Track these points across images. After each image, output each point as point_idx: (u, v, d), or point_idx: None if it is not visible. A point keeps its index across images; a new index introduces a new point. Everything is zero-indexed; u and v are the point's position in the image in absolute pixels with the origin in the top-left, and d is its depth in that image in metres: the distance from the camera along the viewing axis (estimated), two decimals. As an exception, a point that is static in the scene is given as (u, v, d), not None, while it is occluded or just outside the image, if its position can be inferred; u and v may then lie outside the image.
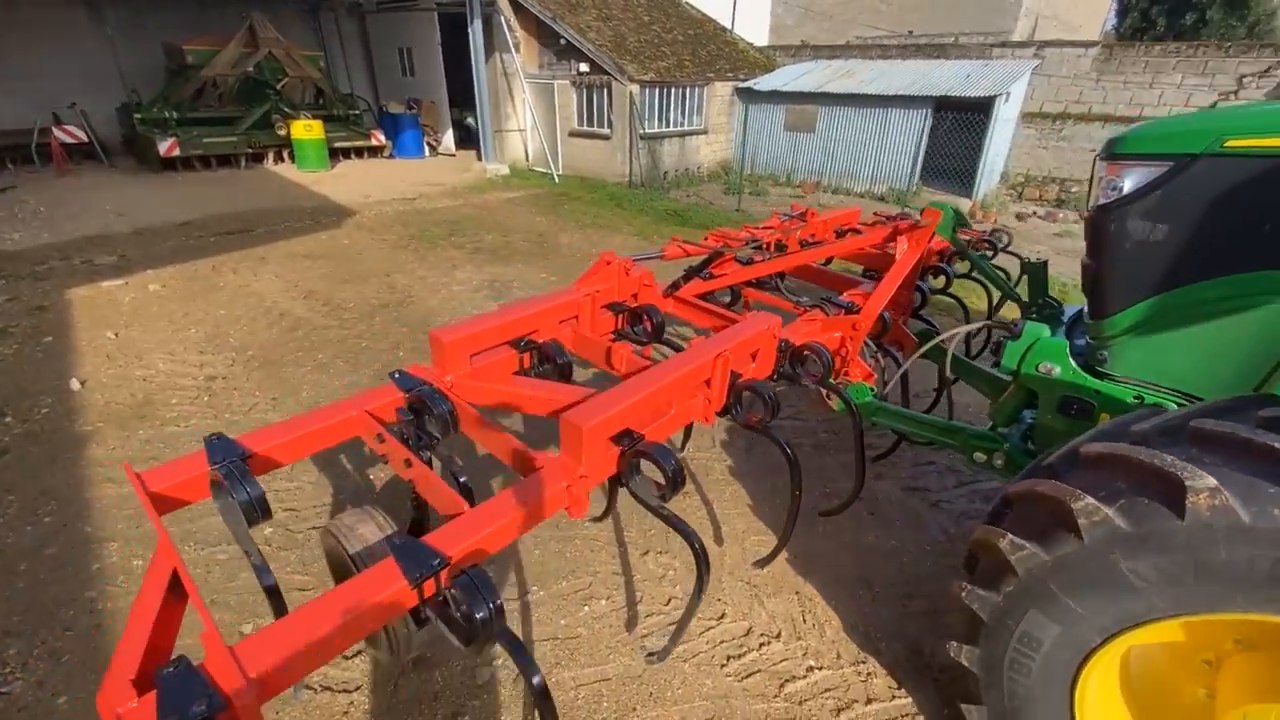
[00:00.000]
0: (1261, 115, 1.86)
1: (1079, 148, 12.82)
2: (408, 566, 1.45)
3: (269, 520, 1.75)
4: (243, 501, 1.64)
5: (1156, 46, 11.91)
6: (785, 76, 14.48)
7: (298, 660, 1.27)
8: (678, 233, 8.83)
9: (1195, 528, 1.35)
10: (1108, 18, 27.67)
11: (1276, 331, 1.88)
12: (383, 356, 4.71)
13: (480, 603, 1.37)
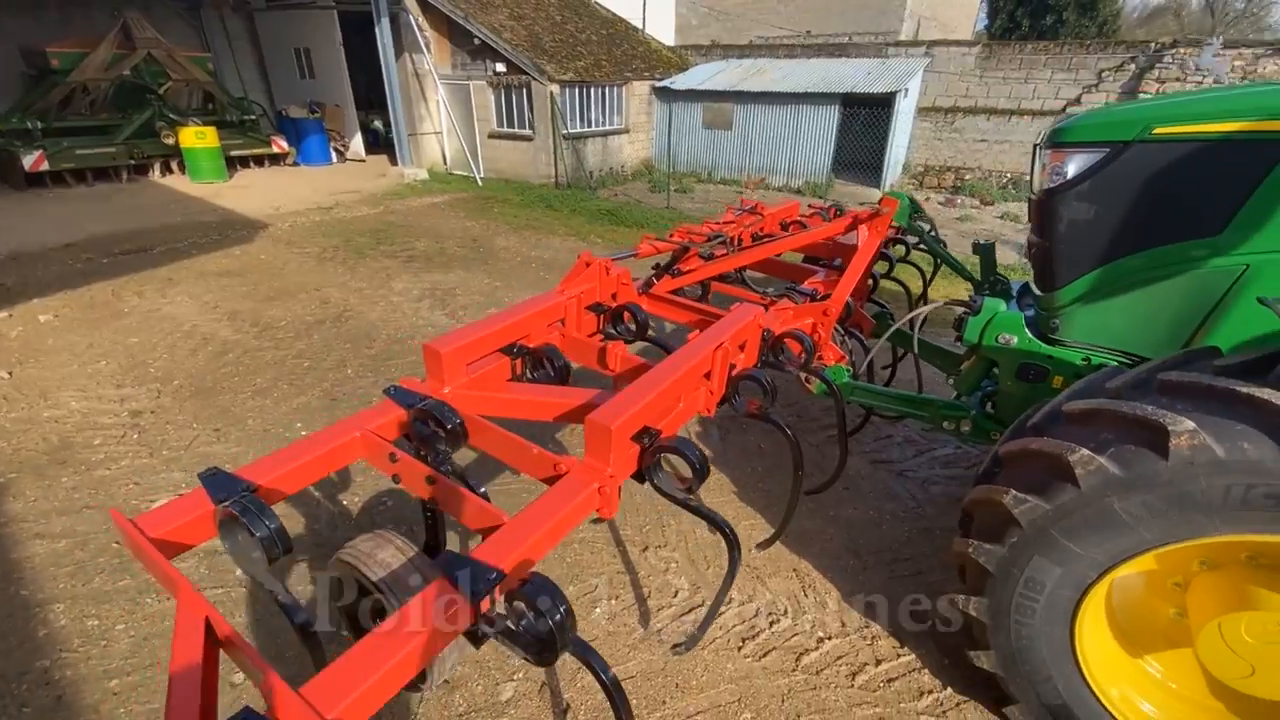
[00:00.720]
0: (1183, 105, 2.14)
1: (969, 138, 13.97)
2: (463, 585, 1.41)
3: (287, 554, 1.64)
4: (263, 537, 1.52)
5: (1029, 46, 13.18)
6: (700, 75, 14.83)
7: (368, 697, 1.22)
8: (614, 231, 8.90)
9: (1178, 466, 1.54)
10: (978, 18, 30.21)
11: (1200, 294, 2.17)
12: (329, 376, 4.45)
13: (553, 612, 1.35)
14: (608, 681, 1.40)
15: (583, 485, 1.79)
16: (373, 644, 1.28)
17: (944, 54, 13.85)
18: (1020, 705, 2.05)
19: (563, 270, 7.04)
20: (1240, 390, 1.52)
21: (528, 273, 6.97)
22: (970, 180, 13.85)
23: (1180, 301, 2.22)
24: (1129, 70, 12.05)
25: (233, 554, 1.61)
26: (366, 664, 1.25)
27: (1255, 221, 2.01)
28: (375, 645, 1.28)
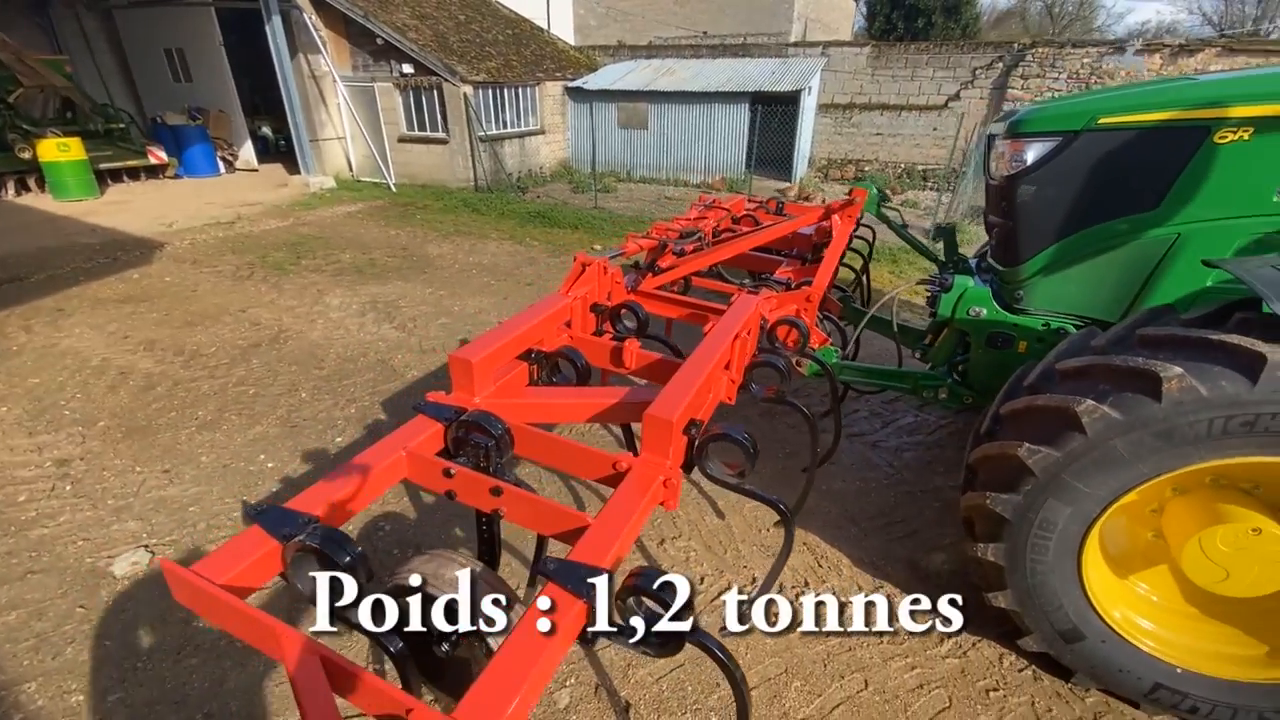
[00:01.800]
0: (1122, 98, 2.46)
1: (866, 133, 15.00)
2: (577, 588, 1.41)
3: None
4: (351, 566, 1.44)
5: (912, 46, 14.35)
6: (612, 75, 14.92)
7: (519, 712, 1.20)
8: (549, 233, 8.82)
9: (1170, 406, 1.80)
10: (855, 20, 32.41)
11: (1141, 261, 2.52)
12: (281, 403, 4.13)
13: (676, 602, 1.38)
14: (728, 663, 1.44)
15: (649, 480, 1.81)
16: (507, 660, 1.26)
17: (839, 54, 14.79)
18: (1033, 635, 2.29)
19: (506, 276, 6.91)
20: (1213, 338, 1.80)
21: (470, 280, 6.77)
22: (870, 171, 14.88)
23: (1125, 268, 2.56)
24: (998, 68, 13.42)
25: (306, 590, 1.51)
26: (508, 681, 1.22)
27: (1184, 197, 2.36)
28: (510, 661, 1.26)
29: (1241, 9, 30.31)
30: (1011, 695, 2.30)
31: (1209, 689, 2.09)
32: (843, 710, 2.23)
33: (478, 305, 6.01)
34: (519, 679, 1.22)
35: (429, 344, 5.09)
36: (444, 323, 5.54)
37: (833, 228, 3.33)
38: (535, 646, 1.28)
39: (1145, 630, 2.19)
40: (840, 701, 2.26)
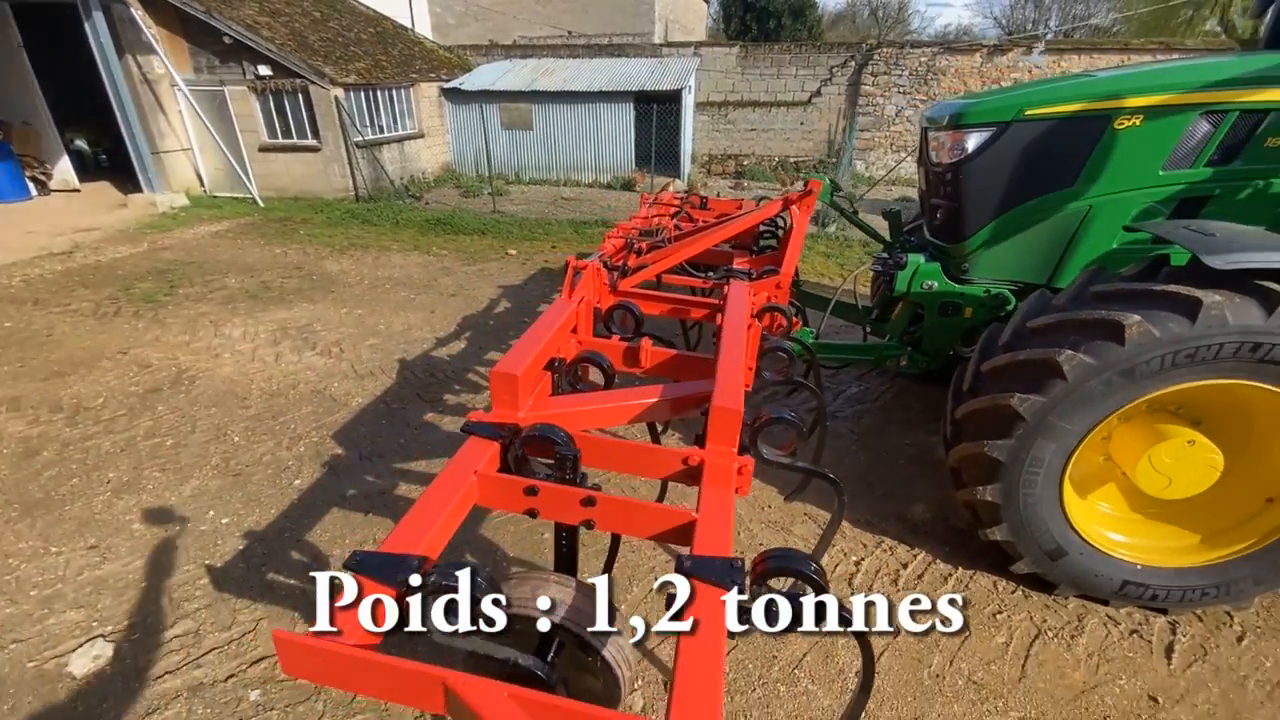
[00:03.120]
0: (1044, 92, 2.87)
1: (741, 129, 15.87)
2: (722, 581, 1.45)
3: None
4: (496, 599, 1.36)
5: (776, 47, 15.38)
6: (489, 76, 14.51)
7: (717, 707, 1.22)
8: (456, 241, 8.49)
9: (1131, 348, 2.16)
10: (708, 23, 33.97)
11: (1062, 231, 2.96)
12: (212, 450, 3.65)
13: (819, 576, 1.46)
14: (867, 633, 1.53)
15: (727, 470, 1.87)
16: (691, 663, 1.27)
17: (710, 54, 15.48)
18: (1024, 560, 2.64)
19: (424, 289, 6.56)
20: (1157, 289, 2.19)
21: (387, 296, 6.33)
22: (748, 165, 15.77)
23: (1050, 237, 3.01)
24: (851, 66, 14.78)
25: (437, 632, 1.40)
26: (702, 682, 1.24)
27: (1093, 175, 2.82)
28: (693, 663, 1.27)
29: (1024, 14, 35.59)
30: (1013, 614, 2.64)
31: (1162, 578, 2.54)
32: (886, 655, 2.44)
33: (405, 322, 5.65)
34: (710, 680, 1.24)
35: (364, 368, 4.72)
36: (373, 344, 5.16)
37: (792, 217, 3.56)
38: (708, 645, 1.30)
39: (1110, 539, 2.61)
40: (882, 649, 2.47)
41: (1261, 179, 2.68)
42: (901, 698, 2.28)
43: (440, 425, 3.97)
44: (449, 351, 5.05)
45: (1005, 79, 14.09)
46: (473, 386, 4.48)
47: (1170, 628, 2.58)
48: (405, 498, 3.27)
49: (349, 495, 3.27)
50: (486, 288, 6.69)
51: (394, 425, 3.95)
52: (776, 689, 2.28)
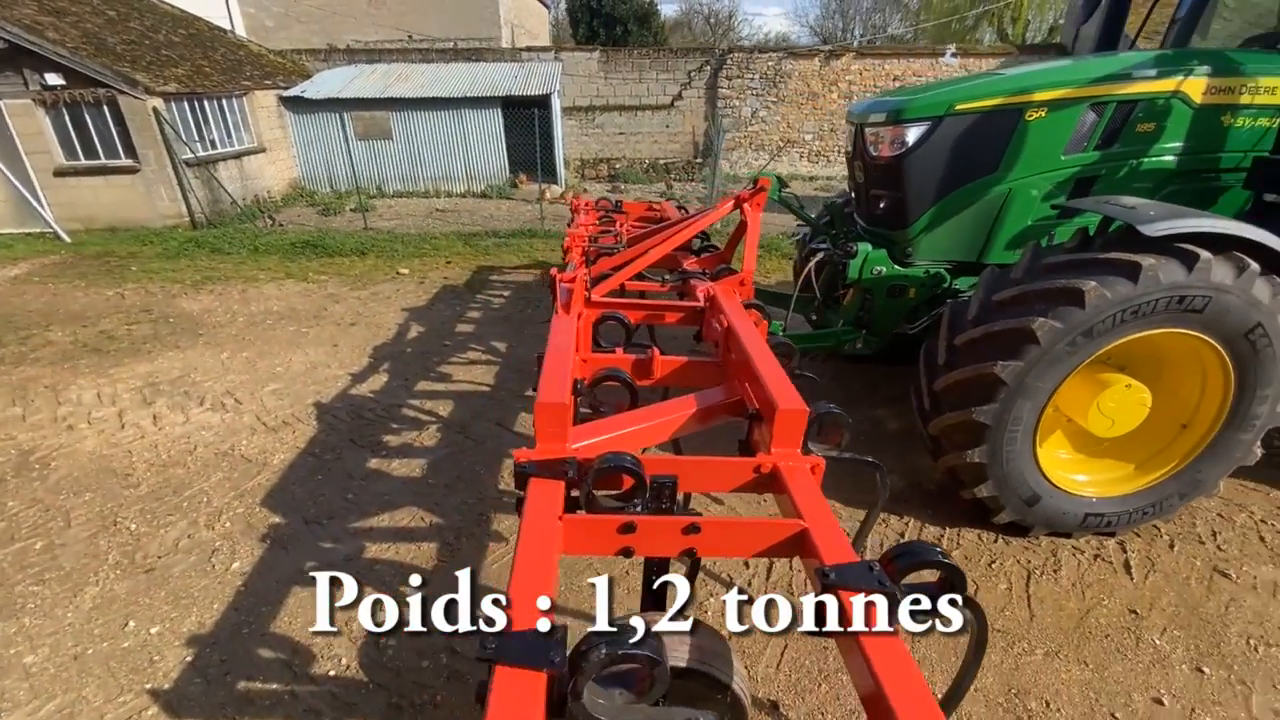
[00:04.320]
0: (969, 89, 3.17)
1: (610, 132, 16.02)
2: (872, 585, 1.42)
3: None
4: (645, 659, 1.22)
5: (636, 52, 15.70)
6: (334, 82, 13.28)
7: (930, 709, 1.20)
8: (333, 264, 7.74)
9: (1090, 310, 2.46)
10: (553, 28, 33.94)
11: (988, 213, 3.31)
12: (101, 545, 2.95)
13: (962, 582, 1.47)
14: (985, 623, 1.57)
15: (805, 472, 1.86)
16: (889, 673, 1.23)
17: (571, 59, 15.43)
18: (1005, 510, 2.91)
19: (315, 320, 5.86)
20: (1101, 256, 2.52)
21: (272, 333, 5.54)
22: (620, 168, 15.96)
23: (978, 219, 3.34)
24: (707, 71, 15.51)
25: (605, 711, 1.22)
26: (910, 686, 1.21)
27: (1011, 161, 3.18)
28: (889, 672, 1.23)
29: (836, 23, 39.61)
30: (1004, 561, 2.90)
31: (1112, 505, 2.93)
32: (919, 623, 2.56)
33: (306, 360, 4.98)
34: (910, 684, 1.21)
35: (274, 418, 4.09)
36: (276, 389, 4.49)
37: (745, 215, 3.62)
38: (892, 650, 1.27)
39: (1072, 480, 2.96)
40: (912, 618, 2.59)
41: (1135, 159, 3.18)
42: (945, 659, 2.41)
43: (390, 471, 3.54)
44: (371, 388, 4.53)
45: (841, 80, 15.59)
46: (413, 423, 4.06)
47: (1120, 547, 2.99)
48: (381, 560, 2.87)
49: (306, 569, 2.80)
50: (388, 312, 6.10)
51: (334, 479, 3.46)
52: (840, 678, 2.30)
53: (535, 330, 5.69)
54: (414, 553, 2.90)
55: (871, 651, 1.26)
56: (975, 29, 21.26)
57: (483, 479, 3.47)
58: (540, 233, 9.67)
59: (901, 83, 15.49)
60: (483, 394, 4.46)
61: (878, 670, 1.21)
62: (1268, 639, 2.50)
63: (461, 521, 3.11)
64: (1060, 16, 18.37)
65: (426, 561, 2.84)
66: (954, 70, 14.86)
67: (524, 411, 4.19)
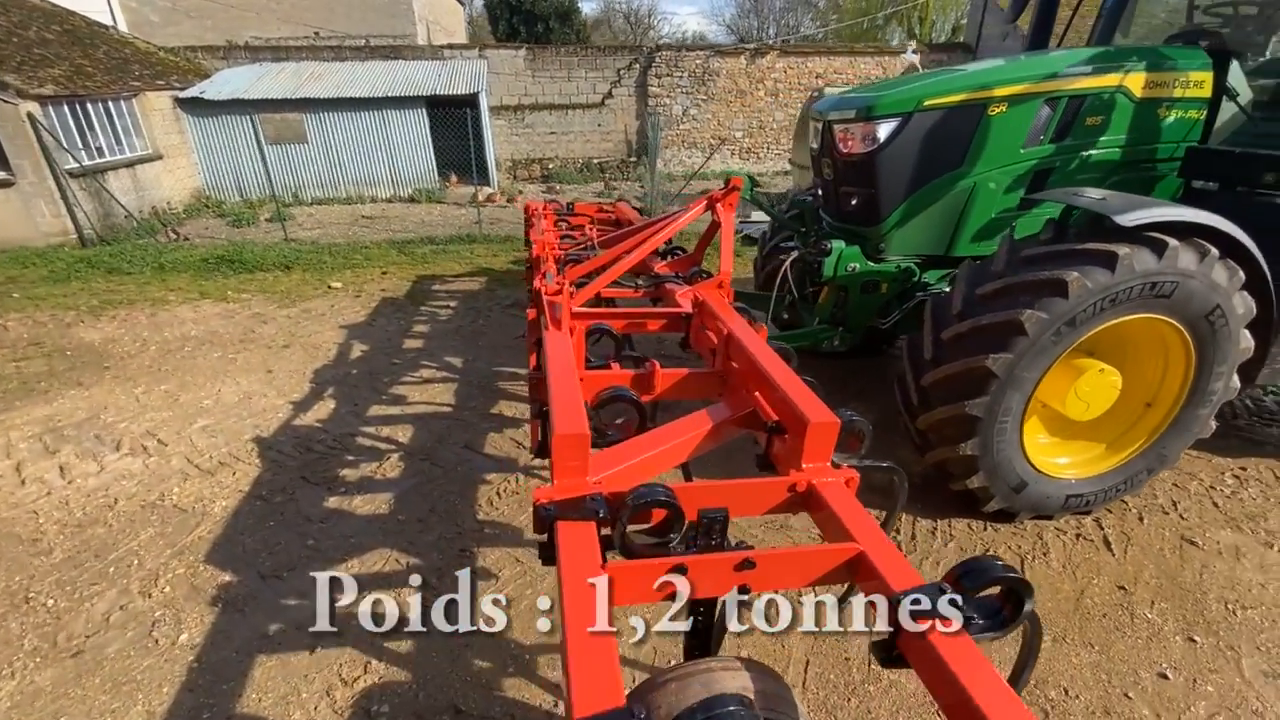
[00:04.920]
0: (937, 85, 3.20)
1: (541, 132, 15.66)
2: (947, 611, 1.35)
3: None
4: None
5: (564, 49, 15.40)
6: (237, 82, 12.26)
7: None
8: (253, 280, 7.21)
9: (1073, 300, 2.52)
10: (466, 25, 32.95)
11: (955, 206, 3.36)
12: (15, 627, 2.50)
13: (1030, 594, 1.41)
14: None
15: (841, 486, 1.77)
16: (976, 681, 1.16)
17: (496, 57, 14.96)
18: (995, 499, 2.97)
19: (241, 344, 5.35)
20: (1078, 247, 2.58)
21: (192, 362, 4.99)
22: (554, 168, 15.65)
23: (946, 212, 3.39)
24: (636, 69, 15.43)
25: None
26: (996, 690, 1.15)
27: (975, 155, 3.24)
28: (978, 679, 1.17)
29: (751, 22, 40.56)
30: (997, 549, 2.95)
31: (1088, 485, 3.04)
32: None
33: (238, 390, 4.50)
34: (1000, 684, 1.16)
35: (207, 460, 3.65)
36: (206, 425, 4.02)
37: (719, 216, 3.53)
38: (975, 663, 1.20)
39: (1053, 464, 3.05)
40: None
41: (1085, 151, 3.31)
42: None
43: (352, 510, 3.22)
44: (317, 416, 4.14)
45: (767, 78, 15.92)
46: (371, 453, 3.72)
47: (1097, 525, 3.12)
48: (355, 614, 2.57)
49: (273, 633, 2.47)
50: (326, 332, 5.64)
51: (289, 524, 3.10)
52: (866, 689, 2.25)
53: (490, 342, 5.41)
54: (390, 601, 2.62)
55: (961, 674, 1.18)
56: (885, 29, 22.28)
57: (458, 510, 3.21)
58: (480, 238, 9.28)
59: (824, 80, 15.99)
60: (444, 415, 4.16)
61: (971, 692, 1.14)
62: (1242, 602, 2.65)
63: (442, 560, 2.86)
64: (961, 17, 19.52)
65: (407, 610, 2.57)
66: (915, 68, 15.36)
67: (492, 432, 3.94)
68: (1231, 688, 2.26)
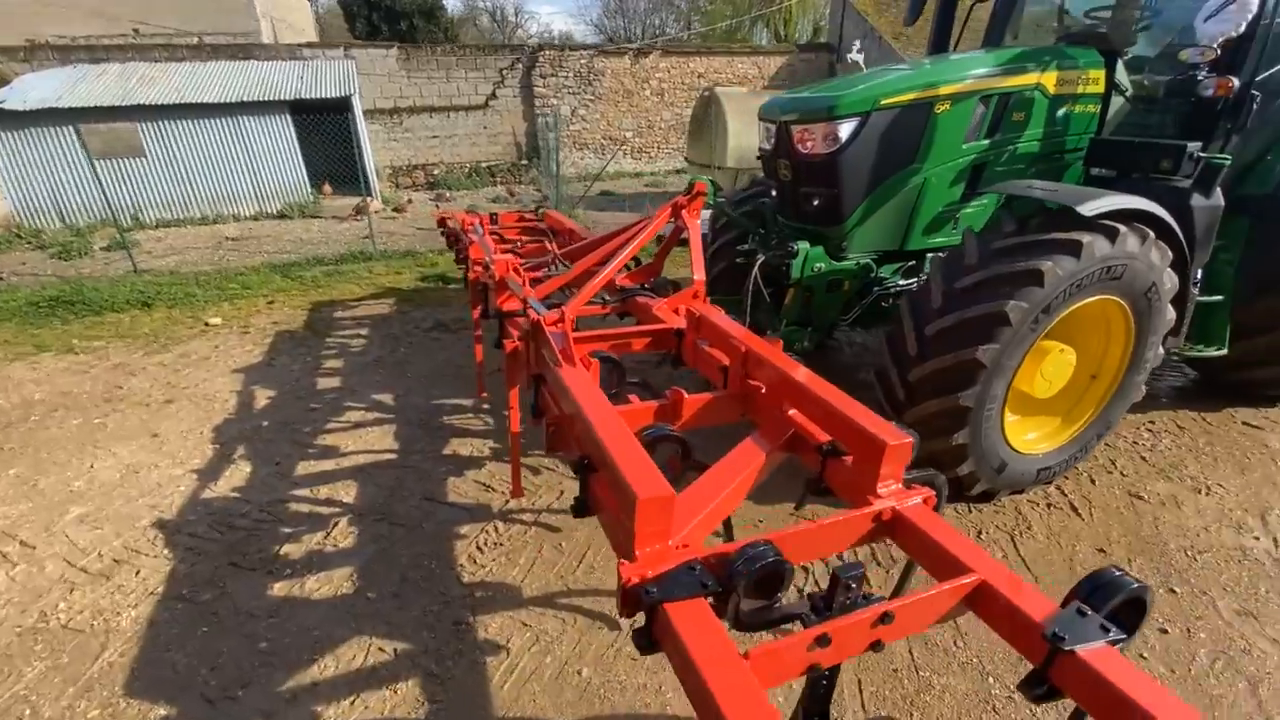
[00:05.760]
0: (891, 83, 3.24)
1: (422, 136, 14.70)
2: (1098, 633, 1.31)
3: None
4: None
5: (438, 49, 14.52)
6: (50, 88, 10.32)
7: None
8: (105, 324, 6.17)
9: (1048, 288, 2.65)
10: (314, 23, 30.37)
11: (908, 202, 3.46)
12: None
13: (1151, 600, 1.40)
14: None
15: (923, 508, 1.70)
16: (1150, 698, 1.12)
17: (365, 56, 13.80)
18: (980, 481, 3.08)
19: (106, 405, 4.50)
20: (1044, 237, 2.72)
21: (48, 431, 4.05)
22: (440, 175, 14.77)
23: (900, 209, 3.49)
24: (519, 69, 14.91)
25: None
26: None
27: (925, 152, 3.35)
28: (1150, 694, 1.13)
29: (619, 22, 40.84)
30: (988, 530, 3.08)
31: (1054, 457, 3.25)
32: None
33: (117, 463, 3.70)
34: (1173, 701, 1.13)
35: (98, 557, 2.94)
36: (82, 515, 3.25)
37: (685, 222, 3.37)
38: (1135, 676, 1.18)
39: (1025, 440, 3.22)
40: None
41: (1011, 145, 3.54)
42: (975, 632, 2.44)
43: (306, 595, 2.72)
44: (232, 485, 3.50)
45: (651, 78, 16.05)
46: (312, 520, 3.19)
47: (1060, 492, 3.35)
48: (348, 724, 2.15)
49: (240, 770, 2.00)
50: (216, 379, 4.83)
51: (227, 627, 2.56)
52: (923, 699, 2.21)
53: (419, 371, 4.90)
54: (389, 703, 2.22)
55: (1130, 690, 1.14)
56: (752, 29, 23.31)
57: (437, 575, 2.82)
58: (376, 255, 8.49)
59: (704, 78, 16.41)
60: (390, 464, 3.68)
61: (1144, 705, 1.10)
62: (1196, 547, 2.94)
63: (434, 641, 2.48)
64: (820, 19, 20.86)
65: (413, 710, 2.19)
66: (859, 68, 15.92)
67: (452, 476, 3.54)
68: (1218, 631, 2.48)
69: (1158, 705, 1.12)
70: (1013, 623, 1.37)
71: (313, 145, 11.53)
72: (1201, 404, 4.20)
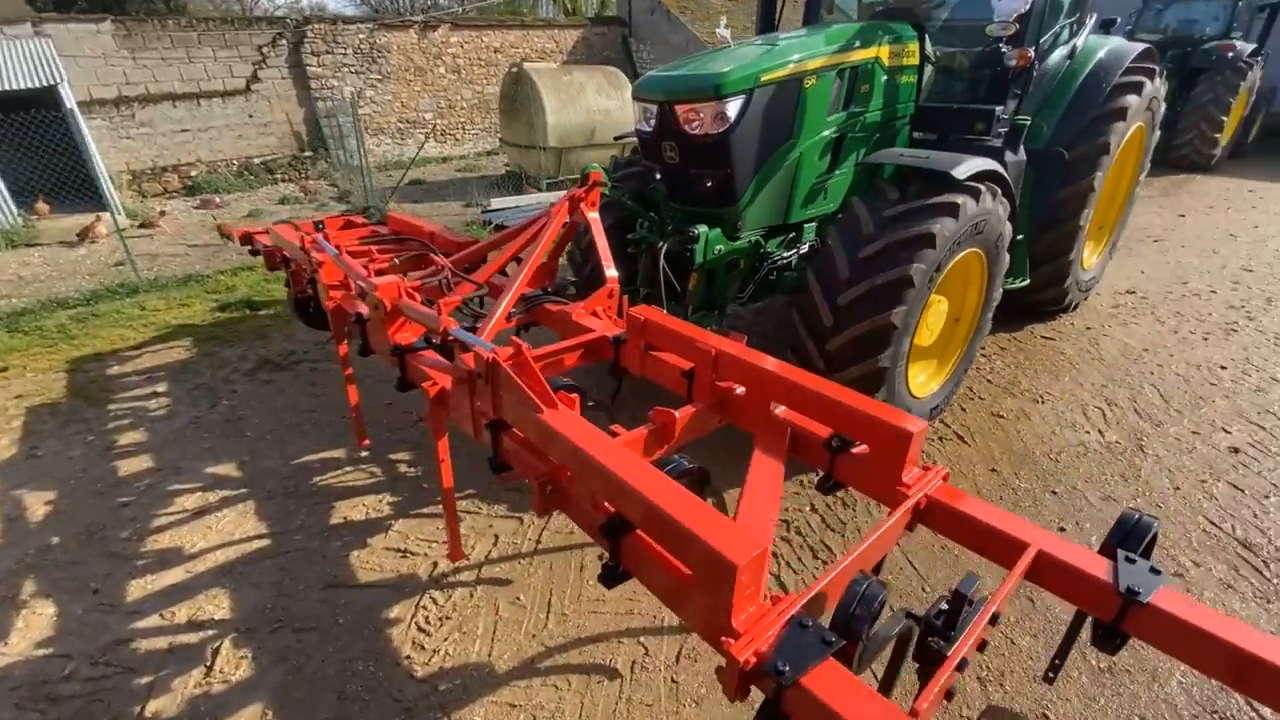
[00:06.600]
0: (769, 59, 3.21)
1: (167, 131, 11.98)
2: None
3: None
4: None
5: (170, 22, 11.80)
6: None
7: None
8: None
9: (939, 247, 2.89)
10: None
11: (789, 177, 3.54)
12: None
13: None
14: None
15: (947, 486, 1.74)
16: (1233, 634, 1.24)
17: (65, 33, 10.72)
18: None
19: None
20: (928, 202, 2.95)
21: None
22: (199, 176, 12.24)
23: (782, 184, 3.57)
24: (284, 46, 12.77)
25: None
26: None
27: (799, 127, 3.44)
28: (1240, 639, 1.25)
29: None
30: (905, 473, 3.35)
31: (940, 396, 3.65)
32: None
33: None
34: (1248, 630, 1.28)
35: None
36: None
37: (583, 216, 3.07)
38: (1203, 611, 1.33)
39: (918, 385, 3.55)
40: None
41: (861, 116, 3.79)
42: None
43: (205, 755, 2.07)
44: (35, 638, 2.53)
45: (444, 54, 14.83)
46: (181, 658, 2.43)
47: (945, 425, 3.78)
48: None
49: None
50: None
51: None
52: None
53: (260, 427, 4.01)
54: None
55: (1206, 624, 1.26)
56: (535, 3, 22.65)
57: (380, 679, 2.32)
58: (143, 286, 6.78)
59: (501, 54, 15.62)
60: (264, 551, 2.95)
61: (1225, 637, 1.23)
62: (1053, 450, 3.51)
63: (407, 757, 2.03)
64: (606, -8, 20.91)
65: None
66: (725, 42, 15.64)
67: (355, 549, 2.95)
68: (1096, 518, 2.99)
69: (1237, 636, 1.23)
70: (1079, 586, 1.44)
71: (10, 153, 8.76)
72: (1007, 326, 5.02)
